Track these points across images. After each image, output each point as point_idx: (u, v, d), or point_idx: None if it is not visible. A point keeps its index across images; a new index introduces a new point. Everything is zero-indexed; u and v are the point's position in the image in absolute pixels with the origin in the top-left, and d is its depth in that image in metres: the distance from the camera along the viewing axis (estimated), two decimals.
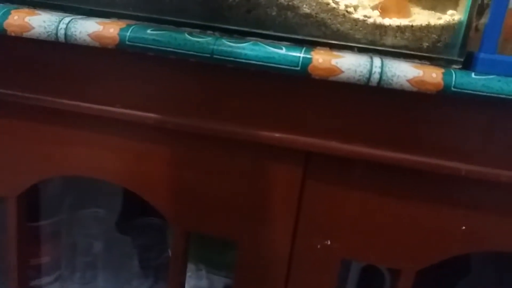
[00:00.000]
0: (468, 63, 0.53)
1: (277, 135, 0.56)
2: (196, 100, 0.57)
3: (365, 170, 0.57)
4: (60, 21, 0.54)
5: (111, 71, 0.59)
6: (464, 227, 0.58)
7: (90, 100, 0.59)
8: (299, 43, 0.54)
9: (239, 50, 0.51)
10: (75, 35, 0.54)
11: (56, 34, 0.54)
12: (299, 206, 0.59)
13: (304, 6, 0.54)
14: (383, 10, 0.56)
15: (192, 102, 0.58)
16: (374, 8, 0.56)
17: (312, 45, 0.54)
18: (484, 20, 0.54)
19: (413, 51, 0.54)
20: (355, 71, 0.50)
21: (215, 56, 0.52)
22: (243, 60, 0.52)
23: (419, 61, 0.53)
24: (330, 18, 0.54)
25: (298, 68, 0.51)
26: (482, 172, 0.55)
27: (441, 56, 0.53)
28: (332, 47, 0.54)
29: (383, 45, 0.54)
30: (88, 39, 0.54)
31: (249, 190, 0.60)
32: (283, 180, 0.58)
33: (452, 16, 0.54)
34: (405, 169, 0.56)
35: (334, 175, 0.58)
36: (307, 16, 0.54)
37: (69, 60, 0.59)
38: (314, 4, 0.53)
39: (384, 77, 0.50)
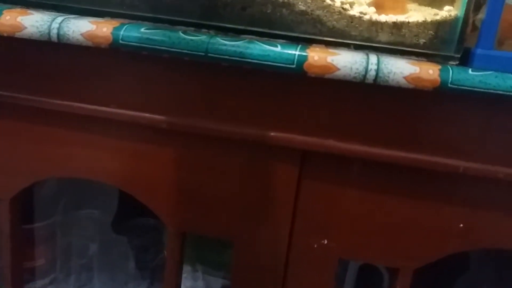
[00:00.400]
0: (465, 59, 0.52)
1: (273, 134, 0.56)
2: (191, 99, 0.57)
3: (362, 168, 0.57)
4: (52, 21, 0.54)
5: (105, 70, 0.58)
6: (462, 225, 0.58)
7: (84, 100, 0.59)
8: (294, 41, 0.54)
9: (233, 48, 0.51)
10: (68, 34, 0.53)
11: (49, 33, 0.53)
12: (296, 206, 0.59)
13: (300, 3, 0.53)
14: (379, 7, 0.56)
15: (187, 101, 0.57)
16: (370, 4, 0.56)
17: (307, 42, 0.53)
18: (481, 15, 0.54)
19: (410, 47, 0.53)
20: (351, 68, 0.50)
21: (209, 55, 0.51)
22: (238, 58, 0.51)
23: (416, 58, 0.53)
24: (325, 15, 0.53)
25: (294, 66, 0.50)
26: (480, 169, 0.54)
27: (438, 53, 0.53)
28: (328, 44, 0.54)
29: (380, 42, 0.53)
30: (81, 38, 0.53)
31: (245, 189, 0.59)
32: (280, 179, 0.58)
33: (449, 12, 0.53)
34: (402, 167, 0.55)
35: (331, 173, 0.57)
36: (303, 13, 0.53)
37: (62, 60, 0.58)
38: (310, 1, 0.53)
39: (380, 74, 0.49)
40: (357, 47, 0.53)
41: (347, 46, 0.53)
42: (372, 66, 0.49)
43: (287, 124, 0.56)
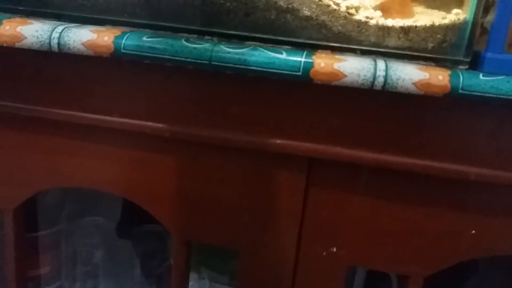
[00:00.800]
0: (475, 63, 0.51)
1: (279, 141, 0.55)
2: (195, 107, 0.56)
3: (371, 176, 0.56)
4: (53, 30, 0.53)
5: (107, 79, 0.57)
6: (473, 231, 0.57)
7: (86, 109, 0.58)
8: (299, 47, 0.52)
9: (238, 56, 0.50)
10: (69, 44, 0.52)
11: (49, 43, 0.52)
12: (303, 214, 0.58)
13: (304, 8, 0.52)
14: (385, 11, 0.54)
15: (191, 109, 0.56)
16: (376, 8, 0.54)
17: (313, 48, 0.52)
18: (490, 17, 0.52)
19: (418, 52, 0.52)
20: (359, 75, 0.48)
21: (213, 63, 0.50)
22: (243, 66, 0.50)
23: (424, 63, 0.51)
24: (331, 20, 0.52)
25: (300, 73, 0.49)
26: (492, 175, 0.53)
27: (447, 57, 0.52)
28: (334, 50, 0.52)
29: (387, 47, 0.52)
30: (82, 48, 0.52)
31: (251, 198, 0.58)
32: (286, 187, 0.57)
33: (457, 15, 0.52)
34: (411, 174, 0.54)
35: (339, 181, 0.56)
36: (307, 18, 0.52)
37: (63, 69, 0.57)
38: (314, 6, 0.52)
39: (389, 81, 0.48)
40: (364, 52, 0.52)
41: (353, 51, 0.52)
42: (380, 73, 0.48)
43: (294, 131, 0.54)
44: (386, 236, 0.58)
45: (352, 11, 0.52)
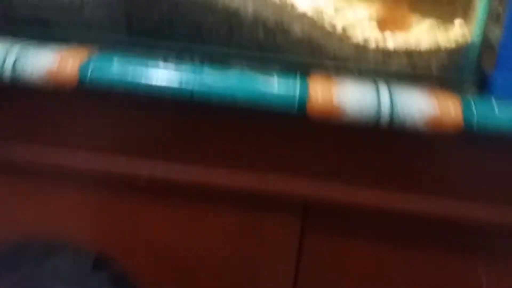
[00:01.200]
0: (483, 84, 0.46)
1: (270, 182, 0.49)
2: (172, 144, 0.50)
3: (373, 220, 0.51)
4: (4, 58, 0.45)
5: (71, 112, 0.50)
6: (484, 280, 0.51)
7: (43, 147, 0.51)
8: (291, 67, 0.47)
9: (223, 87, 0.44)
10: (25, 75, 0.45)
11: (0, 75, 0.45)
12: (298, 265, 0.52)
13: (296, 28, 0.46)
14: (381, 23, 0.50)
15: (168, 146, 0.50)
16: (371, 18, 0.50)
17: (307, 68, 0.47)
18: (497, 32, 0.47)
19: (421, 76, 0.47)
20: (361, 112, 0.43)
21: (195, 98, 0.44)
22: (229, 100, 0.44)
23: (428, 86, 0.46)
24: (325, 42, 0.46)
25: (295, 111, 0.43)
26: (504, 220, 0.48)
27: (453, 81, 0.47)
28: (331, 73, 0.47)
29: (388, 72, 0.47)
30: (41, 79, 0.45)
31: (237, 250, 0.53)
32: (278, 235, 0.52)
33: (461, 27, 0.47)
34: (416, 218, 0.49)
35: (337, 227, 0.51)
36: (300, 40, 0.46)
37: (19, 100, 0.50)
38: (307, 27, 0.46)
39: (395, 118, 0.42)
40: (363, 75, 0.47)
41: (352, 75, 0.47)
42: (385, 110, 0.42)
43: (286, 171, 0.49)
44: (388, 286, 0.52)
45: (349, 33, 0.46)
